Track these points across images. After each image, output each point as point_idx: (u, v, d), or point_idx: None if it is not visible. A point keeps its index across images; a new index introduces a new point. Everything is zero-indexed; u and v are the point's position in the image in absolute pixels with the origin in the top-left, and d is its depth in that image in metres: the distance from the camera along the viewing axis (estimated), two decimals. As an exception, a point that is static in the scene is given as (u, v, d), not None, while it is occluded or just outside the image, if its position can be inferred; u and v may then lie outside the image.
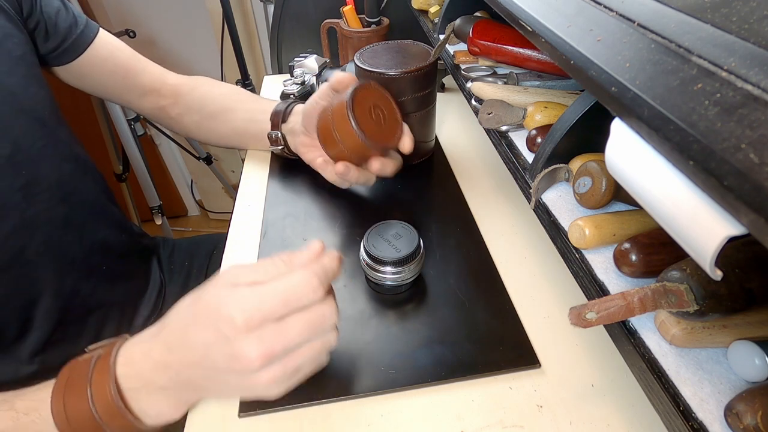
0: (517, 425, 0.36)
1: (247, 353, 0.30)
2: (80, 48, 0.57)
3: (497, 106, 0.47)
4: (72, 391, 0.33)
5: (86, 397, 0.32)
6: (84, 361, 0.34)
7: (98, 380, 0.33)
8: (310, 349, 0.33)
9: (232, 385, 0.33)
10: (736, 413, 0.23)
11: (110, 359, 0.34)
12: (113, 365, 0.33)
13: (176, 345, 0.33)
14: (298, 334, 0.31)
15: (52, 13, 0.54)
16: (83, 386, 0.33)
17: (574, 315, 0.29)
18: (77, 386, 0.33)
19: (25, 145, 0.48)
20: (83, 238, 0.55)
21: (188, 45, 1.48)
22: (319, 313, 0.32)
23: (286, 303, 0.31)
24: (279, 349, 0.31)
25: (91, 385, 0.33)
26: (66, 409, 0.32)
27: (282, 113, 0.59)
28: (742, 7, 0.24)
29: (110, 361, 0.33)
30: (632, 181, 0.25)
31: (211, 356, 0.31)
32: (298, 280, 0.32)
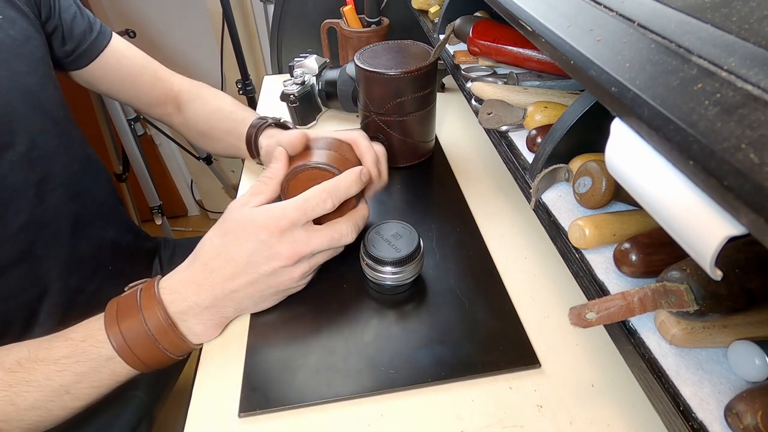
0: (517, 425, 0.36)
1: (283, 252, 0.38)
2: (93, 54, 0.57)
3: (497, 106, 0.47)
4: (125, 317, 0.38)
5: (140, 320, 0.37)
6: (129, 295, 0.39)
7: (147, 306, 0.38)
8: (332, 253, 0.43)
9: (270, 286, 0.40)
10: (736, 413, 0.23)
11: (154, 289, 0.39)
12: (158, 294, 0.39)
13: (217, 264, 0.39)
14: (320, 242, 0.40)
15: (68, 18, 0.55)
16: (135, 312, 0.37)
17: (574, 315, 0.29)
18: (129, 313, 0.38)
19: (40, 142, 0.49)
20: (92, 237, 0.56)
21: (188, 45, 1.48)
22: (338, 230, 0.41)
23: (305, 212, 0.39)
24: (306, 251, 0.40)
25: (142, 310, 0.38)
26: (122, 331, 0.37)
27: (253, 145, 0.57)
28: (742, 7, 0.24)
29: (154, 291, 0.39)
30: (632, 181, 0.25)
31: (253, 261, 0.38)
32: (311, 194, 0.40)
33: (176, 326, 0.38)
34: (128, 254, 0.62)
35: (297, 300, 0.46)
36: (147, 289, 0.39)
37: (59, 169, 0.51)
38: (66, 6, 0.55)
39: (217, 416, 0.37)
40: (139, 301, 0.38)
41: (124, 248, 0.62)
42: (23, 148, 0.47)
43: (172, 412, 0.66)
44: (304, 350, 0.41)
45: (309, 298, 0.46)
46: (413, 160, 0.64)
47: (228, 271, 0.39)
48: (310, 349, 0.41)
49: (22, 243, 0.48)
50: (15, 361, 0.37)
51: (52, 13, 0.53)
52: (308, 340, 0.42)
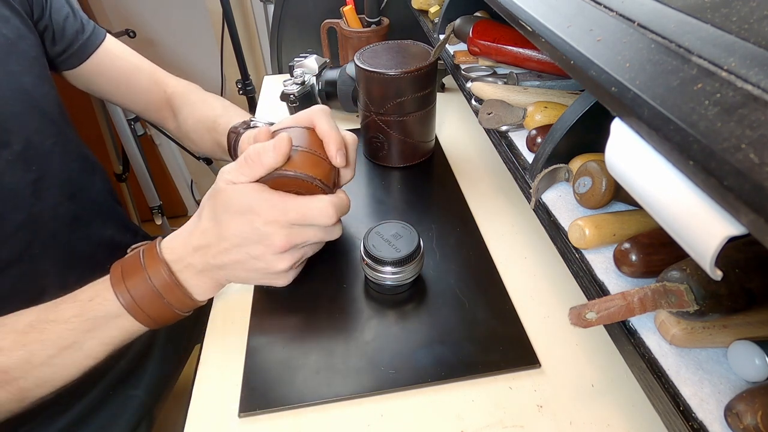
0: (517, 425, 0.36)
1: (274, 240, 0.39)
2: (85, 54, 0.57)
3: (497, 106, 0.47)
4: (130, 276, 0.39)
5: (145, 277, 0.38)
6: (132, 256, 0.40)
7: (151, 265, 0.39)
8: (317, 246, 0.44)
9: (257, 269, 0.40)
10: (736, 413, 0.23)
11: (156, 249, 0.40)
12: (160, 253, 0.40)
13: (213, 235, 0.40)
14: (313, 236, 0.40)
15: (60, 18, 0.54)
16: (139, 271, 0.39)
17: (574, 315, 0.29)
18: (134, 272, 0.39)
19: (36, 141, 0.49)
20: (89, 236, 0.56)
21: (188, 45, 1.48)
22: (329, 233, 0.42)
23: (305, 218, 0.39)
24: (299, 242, 0.40)
25: (147, 269, 0.38)
26: (129, 289, 0.38)
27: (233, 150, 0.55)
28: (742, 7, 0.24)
29: (156, 251, 0.40)
30: (632, 181, 0.25)
31: (245, 244, 0.39)
32: (319, 206, 0.39)
33: (180, 283, 0.39)
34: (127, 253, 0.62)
35: (297, 300, 0.46)
36: (149, 250, 0.40)
37: (56, 168, 0.51)
38: (58, 6, 0.54)
39: (217, 416, 0.37)
40: (142, 261, 0.39)
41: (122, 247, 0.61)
42: (19, 148, 0.47)
43: (172, 412, 0.66)
44: (304, 350, 0.41)
45: (309, 299, 0.46)
46: (413, 160, 0.64)
47: (221, 244, 0.39)
48: (309, 349, 0.41)
49: (20, 242, 0.48)
50: (27, 323, 0.38)
51: (43, 13, 0.53)
52: (308, 340, 0.42)
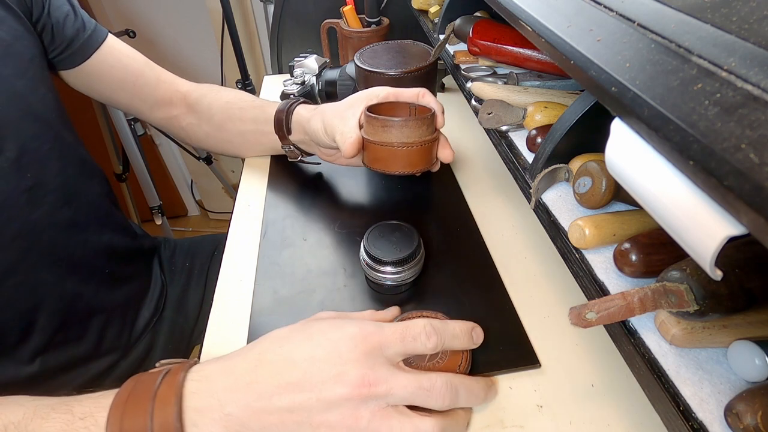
0: (517, 425, 0.36)
1: (354, 377, 0.30)
2: (86, 53, 0.56)
3: (497, 106, 0.46)
4: (131, 410, 0.30)
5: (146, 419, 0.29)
6: (152, 374, 0.32)
7: (163, 397, 0.30)
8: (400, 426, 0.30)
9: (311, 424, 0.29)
10: (736, 413, 0.23)
11: (180, 375, 0.31)
12: (182, 381, 0.31)
13: (270, 361, 0.31)
14: (403, 385, 0.30)
15: (60, 17, 0.53)
16: (145, 405, 0.30)
17: (574, 315, 0.29)
18: (138, 405, 0.30)
19: (31, 147, 0.48)
20: (87, 242, 0.55)
21: (188, 45, 1.48)
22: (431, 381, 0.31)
23: (402, 338, 0.32)
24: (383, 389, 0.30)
25: (154, 403, 0.30)
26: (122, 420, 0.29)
27: (283, 123, 0.57)
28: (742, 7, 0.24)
29: (179, 378, 0.31)
30: (632, 181, 0.25)
31: (315, 373, 0.30)
32: (415, 323, 0.33)
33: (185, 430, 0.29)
34: (125, 256, 0.62)
35: (297, 300, 0.46)
36: (173, 374, 0.31)
37: (52, 174, 0.50)
38: (58, 4, 0.53)
39: (217, 416, 0.37)
40: (155, 393, 0.30)
41: (121, 251, 0.61)
42: (13, 155, 0.46)
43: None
44: (304, 350, 0.41)
45: (309, 299, 0.46)
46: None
47: (280, 372, 0.31)
48: (310, 349, 0.41)
49: (16, 252, 0.47)
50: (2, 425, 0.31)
51: (42, 11, 0.52)
52: (308, 340, 0.42)
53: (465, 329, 0.35)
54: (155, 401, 0.29)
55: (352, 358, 0.31)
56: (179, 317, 0.68)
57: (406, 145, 0.45)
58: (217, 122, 0.62)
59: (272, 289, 0.47)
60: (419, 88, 0.50)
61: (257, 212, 0.57)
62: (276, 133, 0.57)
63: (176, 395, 0.30)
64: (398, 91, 0.50)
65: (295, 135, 0.57)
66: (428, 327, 0.33)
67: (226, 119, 0.61)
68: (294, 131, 0.57)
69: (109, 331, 0.58)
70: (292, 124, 0.56)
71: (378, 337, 0.32)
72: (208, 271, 0.72)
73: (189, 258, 0.73)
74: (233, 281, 0.48)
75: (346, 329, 0.32)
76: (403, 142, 0.45)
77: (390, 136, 0.45)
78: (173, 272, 0.71)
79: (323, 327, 0.33)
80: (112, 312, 0.59)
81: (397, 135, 0.45)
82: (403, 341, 0.32)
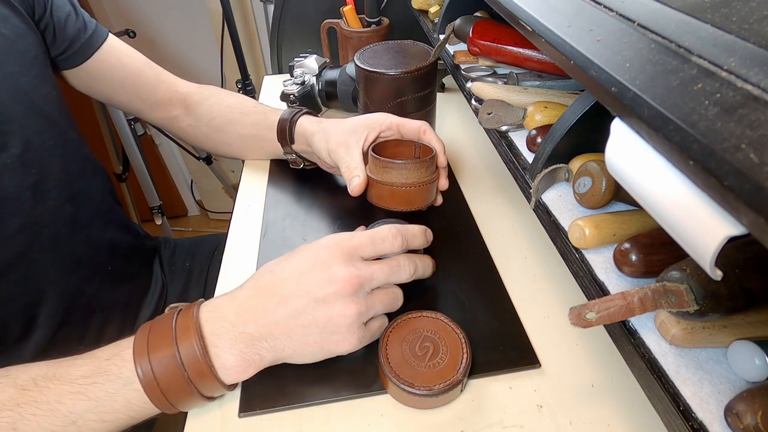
0: (517, 425, 0.36)
1: (341, 275, 0.35)
2: (87, 53, 0.56)
3: (497, 106, 0.47)
4: (157, 347, 0.33)
5: (173, 352, 0.33)
6: (166, 315, 0.36)
7: (183, 330, 0.34)
8: (385, 295, 0.38)
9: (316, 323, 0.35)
10: (736, 413, 0.23)
11: (193, 309, 0.35)
12: (196, 312, 0.35)
13: (266, 281, 0.36)
14: (380, 269, 0.37)
15: (62, 17, 0.53)
16: (169, 341, 0.33)
17: (574, 315, 0.29)
18: (162, 341, 0.34)
19: (35, 143, 0.48)
20: (89, 238, 0.55)
21: (188, 45, 1.48)
22: (397, 260, 0.38)
23: (372, 241, 0.37)
24: (366, 276, 0.36)
25: (177, 339, 0.33)
26: (151, 362, 0.33)
27: (287, 132, 0.57)
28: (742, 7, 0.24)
29: (193, 311, 0.35)
30: (632, 181, 0.25)
31: (305, 282, 0.35)
32: (382, 228, 0.38)
33: (208, 352, 0.34)
34: (127, 254, 0.62)
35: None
36: (186, 311, 0.36)
37: (55, 170, 0.51)
38: (60, 4, 0.54)
39: (217, 416, 0.37)
40: (174, 327, 0.34)
41: (123, 249, 0.61)
42: (17, 150, 0.46)
43: (172, 412, 0.66)
44: (304, 350, 0.41)
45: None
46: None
47: (276, 290, 0.35)
48: (310, 349, 0.41)
49: (19, 246, 0.47)
50: (30, 378, 0.33)
51: (45, 11, 0.52)
52: (308, 340, 0.42)
53: (421, 230, 0.41)
54: (176, 331, 0.34)
55: (333, 262, 0.35)
56: (179, 317, 0.68)
57: (405, 185, 0.47)
58: (217, 125, 0.62)
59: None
60: (421, 123, 0.51)
61: (257, 212, 0.57)
62: (279, 141, 0.58)
63: (194, 323, 0.34)
64: (401, 122, 0.51)
65: (298, 145, 0.58)
66: (393, 229, 0.38)
67: (227, 123, 0.62)
68: (297, 142, 0.57)
69: (109, 330, 0.58)
70: (295, 135, 0.57)
71: (351, 242, 0.37)
72: (208, 271, 0.72)
73: (189, 258, 0.74)
74: (233, 281, 0.48)
75: (322, 241, 0.38)
76: (402, 183, 0.47)
77: (390, 176, 0.47)
78: (173, 272, 0.71)
79: (303, 247, 0.38)
80: (113, 310, 0.59)
81: (397, 176, 0.46)
82: (373, 243, 0.37)
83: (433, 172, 0.48)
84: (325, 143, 0.52)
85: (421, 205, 0.49)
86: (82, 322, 0.55)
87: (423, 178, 0.47)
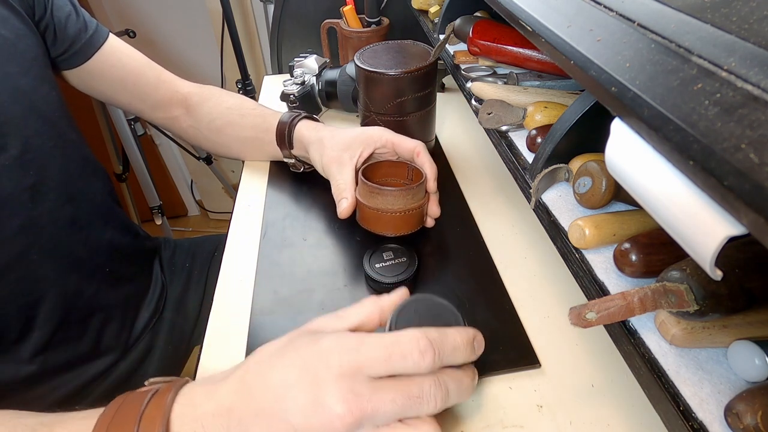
0: (517, 425, 0.36)
1: (332, 404, 0.26)
2: (88, 53, 0.56)
3: (497, 106, 0.46)
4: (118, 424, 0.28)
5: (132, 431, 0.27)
6: (140, 394, 0.30)
7: (149, 417, 0.28)
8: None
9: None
10: (736, 413, 0.23)
11: (168, 396, 0.29)
12: (170, 403, 0.29)
13: (248, 385, 0.29)
14: (391, 401, 0.26)
15: (62, 17, 0.53)
16: (132, 420, 0.28)
17: (574, 315, 0.29)
18: (126, 419, 0.28)
19: (34, 144, 0.48)
20: (89, 239, 0.55)
21: (188, 45, 1.48)
22: (420, 386, 0.27)
23: (388, 357, 0.27)
24: (369, 411, 0.26)
25: (141, 421, 0.28)
26: None
27: (285, 137, 0.57)
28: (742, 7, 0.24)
29: (167, 399, 0.29)
30: (632, 181, 0.25)
31: (288, 399, 0.27)
32: (405, 337, 0.28)
33: None
34: (126, 255, 0.62)
35: (297, 300, 0.46)
36: (162, 393, 0.30)
37: (55, 171, 0.50)
38: (60, 5, 0.54)
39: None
40: (143, 407, 0.29)
41: (122, 250, 0.61)
42: (16, 152, 0.46)
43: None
44: (304, 350, 0.41)
45: (309, 298, 0.46)
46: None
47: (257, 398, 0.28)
48: (310, 349, 0.41)
49: (17, 247, 0.47)
50: None
51: (45, 11, 0.52)
52: (308, 340, 0.42)
53: (465, 339, 0.30)
54: (140, 424, 0.28)
55: (327, 379, 0.27)
56: (179, 318, 0.68)
57: (390, 211, 0.47)
58: (216, 127, 0.62)
59: (272, 289, 0.47)
60: (416, 144, 0.51)
61: (257, 212, 0.57)
62: (278, 145, 0.59)
63: (163, 417, 0.28)
64: (396, 140, 0.51)
65: (297, 150, 0.58)
66: (423, 341, 0.27)
67: (226, 124, 0.62)
68: (296, 147, 0.58)
69: (108, 331, 0.58)
70: (294, 141, 0.58)
71: (357, 356, 0.27)
72: (208, 271, 0.72)
73: (189, 258, 0.74)
74: (233, 281, 0.48)
75: (322, 344, 0.29)
76: (388, 209, 0.47)
77: (377, 202, 0.47)
78: (173, 273, 0.71)
79: (299, 343, 0.30)
80: (112, 311, 0.59)
81: (383, 202, 0.47)
82: (388, 361, 0.27)
83: (421, 198, 0.48)
84: (320, 157, 0.53)
85: (408, 231, 0.49)
86: (80, 322, 0.55)
87: (409, 205, 0.47)
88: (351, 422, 0.26)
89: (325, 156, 0.52)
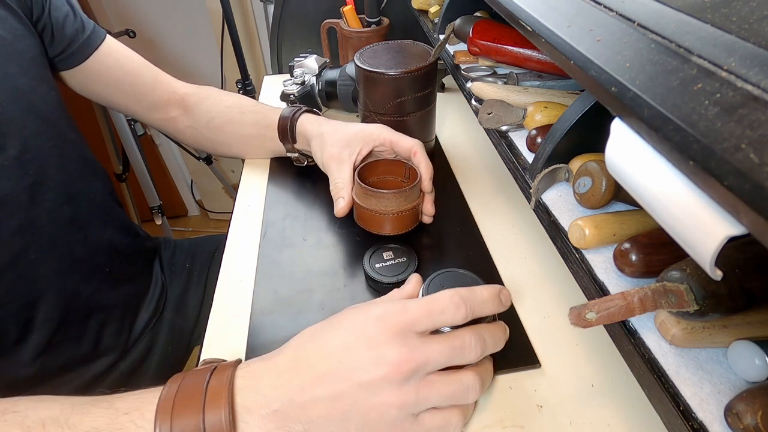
0: (517, 425, 0.36)
1: (392, 356, 0.30)
2: (85, 53, 0.56)
3: (497, 106, 0.46)
4: (182, 411, 0.29)
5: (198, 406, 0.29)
6: (199, 371, 0.32)
7: (213, 399, 0.29)
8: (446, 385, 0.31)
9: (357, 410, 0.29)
10: (736, 413, 0.23)
11: (228, 371, 0.31)
12: (231, 377, 0.31)
13: (306, 354, 0.31)
14: (439, 351, 0.31)
15: (60, 17, 0.53)
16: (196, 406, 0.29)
17: (574, 315, 0.29)
18: (189, 406, 0.29)
19: (33, 145, 0.48)
20: (88, 239, 0.55)
21: (188, 45, 1.48)
22: (461, 338, 0.32)
23: (429, 313, 0.31)
24: (422, 360, 0.30)
25: (205, 406, 0.29)
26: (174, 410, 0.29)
27: (288, 131, 0.58)
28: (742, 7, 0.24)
29: (228, 373, 0.31)
30: (632, 181, 0.25)
31: (349, 360, 0.30)
32: (440, 296, 0.32)
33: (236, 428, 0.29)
34: (126, 256, 0.62)
35: (297, 299, 0.46)
36: (220, 371, 0.31)
37: (53, 171, 0.50)
38: (58, 5, 0.53)
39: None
40: (205, 390, 0.30)
41: (122, 250, 0.61)
42: (15, 152, 0.46)
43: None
44: (304, 350, 0.41)
45: (309, 298, 0.46)
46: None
47: (316, 364, 0.31)
48: (310, 349, 0.41)
49: (16, 247, 0.47)
50: (39, 420, 0.30)
51: (43, 12, 0.52)
52: (308, 340, 0.42)
53: (492, 293, 0.34)
54: (206, 396, 0.30)
55: (383, 339, 0.30)
56: (179, 318, 0.68)
57: (384, 213, 0.48)
58: (216, 125, 0.62)
59: (272, 289, 0.47)
60: (413, 143, 0.51)
61: (257, 212, 0.57)
62: (281, 140, 0.59)
63: (228, 390, 0.30)
64: (395, 139, 0.52)
65: (300, 144, 0.59)
66: (455, 297, 0.32)
67: (226, 123, 0.62)
68: (299, 141, 0.58)
69: (108, 331, 0.58)
70: (297, 135, 0.58)
71: (404, 316, 0.31)
72: (208, 271, 0.72)
73: (189, 259, 0.73)
74: (233, 281, 0.48)
75: (372, 312, 0.32)
76: (382, 210, 0.48)
77: (371, 203, 0.48)
78: (173, 273, 0.71)
79: (351, 314, 0.33)
80: (111, 312, 0.59)
81: (377, 203, 0.48)
82: (430, 316, 0.32)
83: (415, 199, 0.49)
84: (321, 152, 0.53)
85: (403, 230, 0.50)
86: (79, 323, 0.55)
87: (403, 207, 0.48)
88: (408, 370, 0.30)
89: (325, 153, 0.53)
